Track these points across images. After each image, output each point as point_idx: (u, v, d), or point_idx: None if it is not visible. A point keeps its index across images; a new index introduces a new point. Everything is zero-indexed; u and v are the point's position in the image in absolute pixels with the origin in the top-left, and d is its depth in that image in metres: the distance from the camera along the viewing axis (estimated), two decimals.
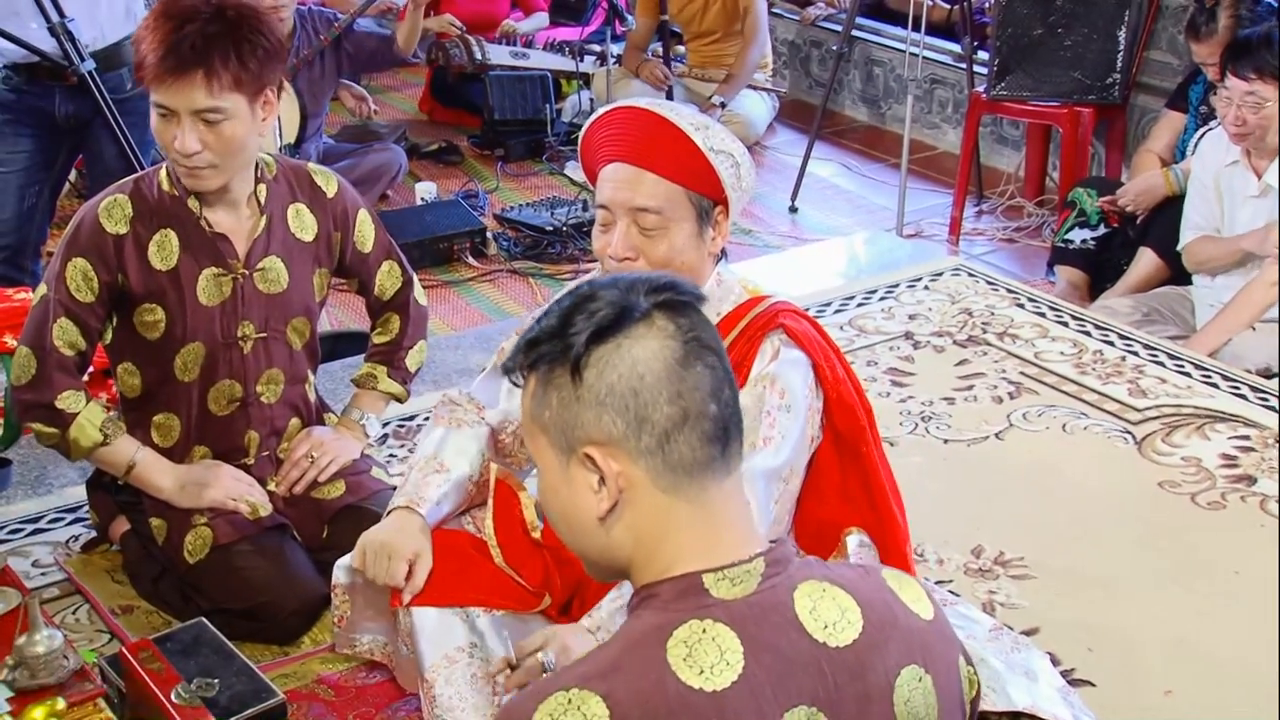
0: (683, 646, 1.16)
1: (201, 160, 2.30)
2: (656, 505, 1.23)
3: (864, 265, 4.45)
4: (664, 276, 1.28)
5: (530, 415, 1.27)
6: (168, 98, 2.26)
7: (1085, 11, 4.45)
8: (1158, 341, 3.65)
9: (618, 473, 1.22)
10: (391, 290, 2.69)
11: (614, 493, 1.22)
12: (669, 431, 1.21)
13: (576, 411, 1.22)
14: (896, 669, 1.25)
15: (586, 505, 1.24)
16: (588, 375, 1.21)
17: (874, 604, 1.26)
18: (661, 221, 2.03)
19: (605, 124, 2.10)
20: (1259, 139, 3.50)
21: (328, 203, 2.54)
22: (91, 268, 2.37)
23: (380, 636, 2.28)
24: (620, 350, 1.21)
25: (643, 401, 1.20)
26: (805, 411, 2.08)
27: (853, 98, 6.06)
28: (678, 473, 1.22)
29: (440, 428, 2.25)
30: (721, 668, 1.16)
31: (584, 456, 1.22)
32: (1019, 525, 2.86)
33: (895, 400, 3.38)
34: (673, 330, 1.23)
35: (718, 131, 2.07)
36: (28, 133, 3.39)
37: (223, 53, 2.24)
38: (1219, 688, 2.39)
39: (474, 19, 6.02)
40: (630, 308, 1.22)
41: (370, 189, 4.92)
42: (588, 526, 1.26)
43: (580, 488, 1.24)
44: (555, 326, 1.24)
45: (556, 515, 1.30)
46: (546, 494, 1.29)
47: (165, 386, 2.49)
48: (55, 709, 1.90)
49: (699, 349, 1.23)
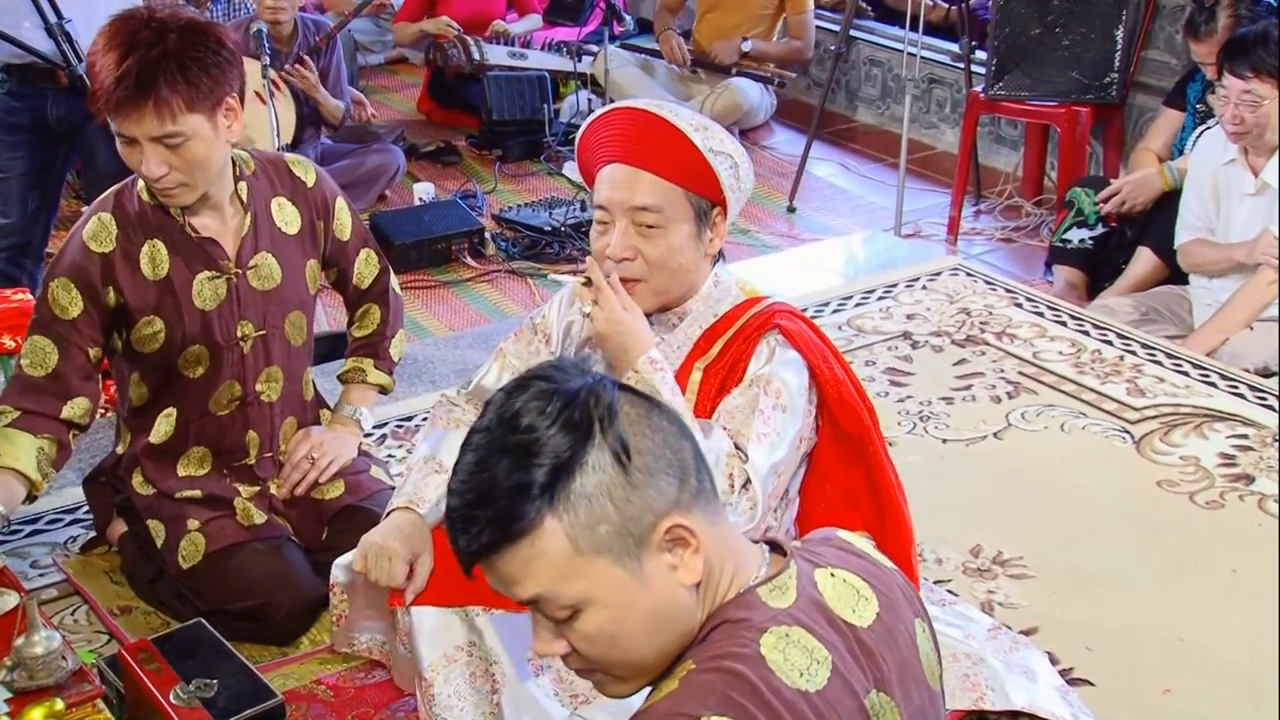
0: (778, 654, 1.15)
1: (171, 181, 2.29)
2: (711, 541, 1.20)
3: (862, 265, 4.45)
4: (570, 361, 1.27)
5: (574, 553, 1.13)
6: (124, 128, 2.25)
7: (1083, 11, 4.45)
8: (1156, 341, 3.65)
9: (690, 531, 1.18)
10: (370, 278, 2.69)
11: (695, 565, 1.18)
12: (697, 468, 1.20)
13: (639, 495, 1.14)
14: (911, 625, 1.28)
15: (671, 589, 1.18)
16: (635, 458, 1.15)
17: (870, 574, 1.29)
18: (660, 221, 2.03)
19: (603, 125, 2.09)
20: (1256, 137, 3.50)
21: (308, 193, 2.54)
22: (77, 288, 2.36)
23: (378, 635, 2.28)
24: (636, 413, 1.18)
25: (673, 449, 1.18)
26: (800, 412, 2.08)
27: (851, 98, 6.06)
28: (713, 503, 1.22)
29: (438, 428, 2.25)
30: (815, 668, 1.16)
31: (666, 533, 1.16)
32: (1017, 525, 2.86)
33: (894, 400, 3.38)
34: (623, 396, 1.19)
35: (717, 132, 2.06)
36: (23, 138, 3.40)
37: (169, 79, 2.20)
38: (1218, 686, 2.39)
39: (470, 20, 6.02)
40: (597, 382, 1.17)
41: (368, 189, 4.93)
42: (683, 613, 1.19)
43: (662, 579, 1.17)
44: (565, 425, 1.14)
45: (640, 632, 1.18)
46: (621, 620, 1.16)
47: (169, 387, 2.49)
48: (54, 710, 1.90)
49: (638, 401, 1.21)
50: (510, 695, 2.01)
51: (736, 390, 2.07)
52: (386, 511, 2.16)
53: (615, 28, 6.37)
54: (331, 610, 2.26)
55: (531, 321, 2.30)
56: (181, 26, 2.25)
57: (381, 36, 6.93)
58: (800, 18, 5.67)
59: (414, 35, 6.20)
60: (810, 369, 2.10)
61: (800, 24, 5.69)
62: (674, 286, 2.08)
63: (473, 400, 2.29)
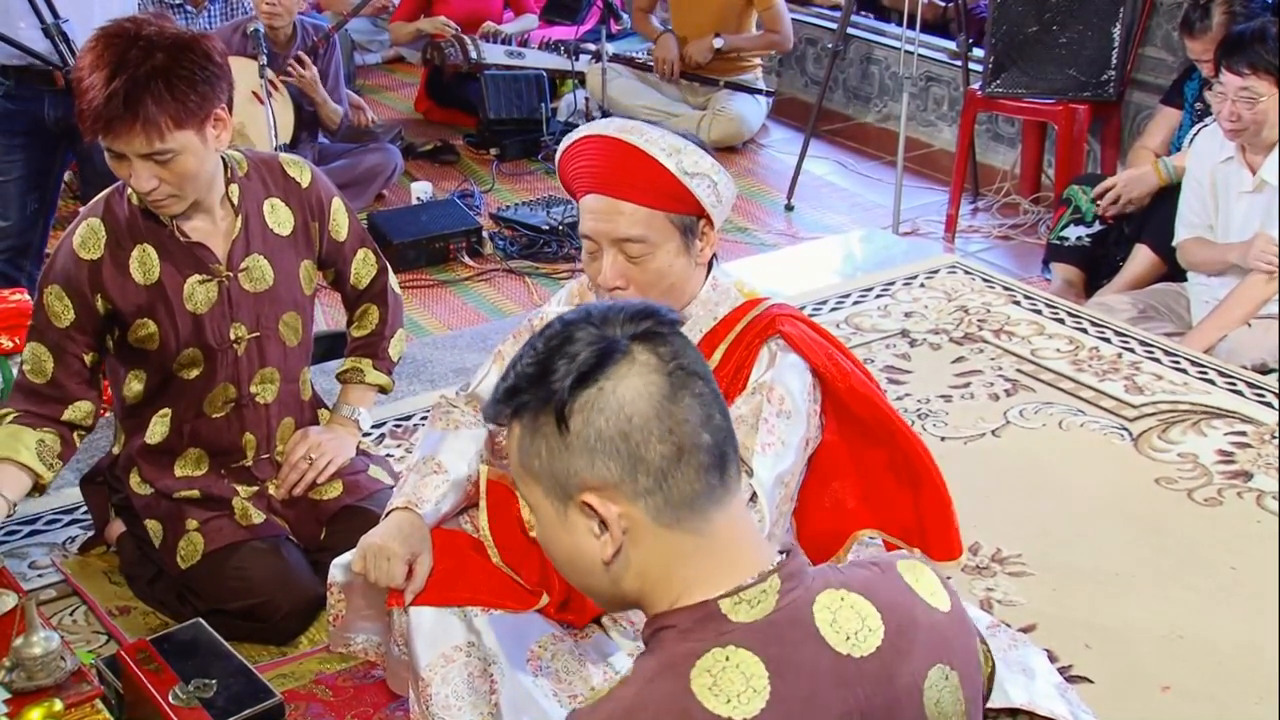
0: (707, 676, 1.14)
1: (160, 193, 2.29)
2: (661, 541, 1.20)
3: (860, 263, 4.45)
4: (638, 305, 1.24)
5: (519, 464, 1.24)
6: (113, 144, 2.24)
7: (1080, 8, 4.45)
8: (1154, 338, 3.66)
9: (619, 514, 1.19)
10: (367, 278, 2.68)
11: (617, 536, 1.19)
12: (665, 470, 1.18)
13: (568, 460, 1.18)
14: (924, 671, 1.23)
15: (590, 550, 1.21)
16: (574, 423, 1.17)
17: (893, 606, 1.24)
18: (646, 248, 2.02)
19: (577, 154, 2.08)
20: (1253, 134, 3.50)
21: (302, 193, 2.53)
22: (68, 295, 2.37)
23: (374, 636, 2.28)
24: (604, 393, 1.17)
25: (634, 443, 1.17)
26: (804, 415, 2.08)
27: (848, 95, 6.06)
28: (679, 508, 1.19)
29: (437, 429, 2.25)
30: (749, 695, 1.14)
31: (582, 504, 1.19)
32: (1016, 522, 2.86)
33: (892, 398, 3.36)
34: (655, 363, 1.19)
35: (691, 153, 2.03)
36: (21, 140, 3.39)
37: (157, 98, 2.19)
38: (1217, 683, 2.39)
39: (468, 19, 6.02)
40: (610, 347, 1.19)
41: (366, 189, 4.92)
42: (593, 569, 1.23)
43: (582, 533, 1.21)
44: (535, 373, 1.20)
45: (560, 559, 1.27)
46: (547, 539, 1.26)
47: (164, 388, 2.49)
48: (52, 710, 1.90)
49: (684, 378, 1.20)
50: (509, 695, 2.01)
51: (740, 399, 2.07)
52: (385, 512, 2.16)
53: (613, 26, 6.37)
54: (329, 610, 2.26)
55: (530, 322, 2.30)
56: (168, 43, 2.23)
57: (378, 36, 6.93)
58: (770, 12, 5.62)
59: (411, 34, 6.20)
60: (813, 369, 2.10)
61: (772, 17, 5.64)
62: (671, 298, 2.08)
63: (471, 402, 2.29)
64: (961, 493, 2.97)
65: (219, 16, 4.75)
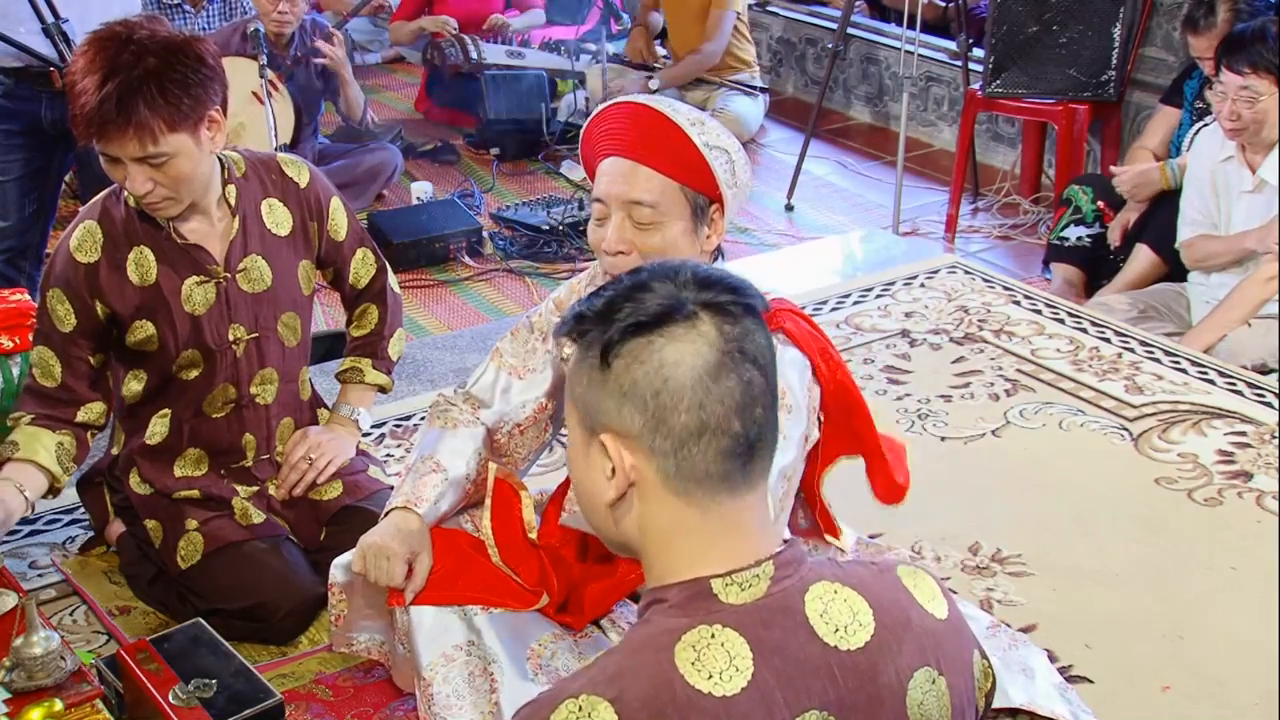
0: (691, 651, 1.16)
1: (156, 196, 2.29)
2: (666, 505, 1.22)
3: (860, 263, 4.45)
4: (732, 280, 1.25)
5: (569, 384, 1.28)
6: (107, 149, 2.24)
7: (1080, 8, 4.45)
8: (1154, 338, 3.65)
9: (630, 466, 1.21)
10: (366, 277, 2.68)
11: (623, 484, 1.22)
12: (684, 440, 1.19)
13: (600, 397, 1.22)
14: (909, 671, 1.23)
15: (600, 487, 1.24)
16: (615, 365, 1.20)
17: (886, 605, 1.25)
18: (655, 215, 2.03)
19: (604, 119, 2.10)
20: (1254, 134, 3.50)
21: (301, 193, 2.53)
22: (69, 299, 2.38)
23: (377, 635, 2.28)
24: (652, 347, 1.19)
25: (661, 404, 1.19)
26: (804, 410, 2.08)
27: (848, 96, 6.07)
28: (688, 481, 1.20)
29: (435, 428, 2.25)
30: (731, 674, 1.15)
31: (601, 442, 1.23)
32: (1016, 522, 2.86)
33: (892, 398, 3.38)
34: (714, 337, 1.20)
35: (713, 127, 2.07)
36: (20, 141, 3.39)
37: (149, 102, 2.19)
38: (1217, 683, 2.39)
39: (468, 18, 6.02)
40: (676, 305, 1.20)
41: (366, 189, 4.93)
42: (598, 506, 1.26)
43: (596, 468, 1.24)
44: (602, 309, 1.23)
45: (576, 484, 1.31)
46: (573, 460, 1.30)
47: (164, 388, 2.49)
48: (52, 710, 1.90)
49: (738, 360, 1.20)
50: (509, 694, 2.01)
51: None
52: (385, 511, 2.16)
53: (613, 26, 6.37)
54: (330, 610, 2.26)
55: (529, 320, 2.30)
56: (160, 47, 2.23)
57: (378, 36, 6.94)
58: (717, 13, 5.59)
59: (411, 34, 6.20)
60: (811, 366, 2.10)
61: (715, 19, 5.60)
62: None
63: (469, 400, 2.29)
64: (961, 493, 2.99)
65: (218, 17, 4.75)
